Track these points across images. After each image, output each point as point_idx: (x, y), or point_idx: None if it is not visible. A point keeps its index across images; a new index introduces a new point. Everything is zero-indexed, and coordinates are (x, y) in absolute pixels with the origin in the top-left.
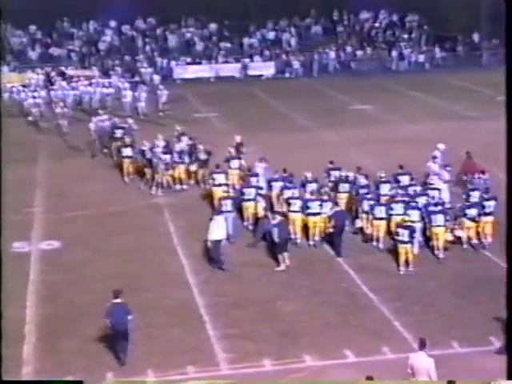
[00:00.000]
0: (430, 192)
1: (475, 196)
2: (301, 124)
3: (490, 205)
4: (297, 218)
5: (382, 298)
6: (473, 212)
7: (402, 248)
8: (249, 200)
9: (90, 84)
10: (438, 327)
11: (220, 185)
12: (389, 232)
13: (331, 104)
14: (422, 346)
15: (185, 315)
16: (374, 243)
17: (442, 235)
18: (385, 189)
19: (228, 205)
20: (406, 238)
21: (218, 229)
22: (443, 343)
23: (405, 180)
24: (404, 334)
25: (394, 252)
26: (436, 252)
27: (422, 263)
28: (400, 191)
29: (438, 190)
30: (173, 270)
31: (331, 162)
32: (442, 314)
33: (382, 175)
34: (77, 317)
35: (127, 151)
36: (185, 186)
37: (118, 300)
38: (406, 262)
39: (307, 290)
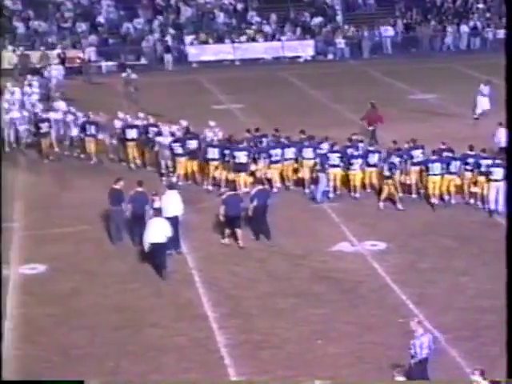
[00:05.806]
0: None
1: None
2: (346, 118)
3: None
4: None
5: (451, 338)
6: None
7: None
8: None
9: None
10: None
11: None
12: None
13: (385, 93)
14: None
15: (202, 357)
16: None
17: None
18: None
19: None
20: None
21: (159, 230)
22: None
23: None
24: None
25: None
26: None
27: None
28: None
29: None
30: (187, 300)
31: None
32: None
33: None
34: (63, 361)
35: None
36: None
37: (140, 189)
38: None
39: (353, 326)
